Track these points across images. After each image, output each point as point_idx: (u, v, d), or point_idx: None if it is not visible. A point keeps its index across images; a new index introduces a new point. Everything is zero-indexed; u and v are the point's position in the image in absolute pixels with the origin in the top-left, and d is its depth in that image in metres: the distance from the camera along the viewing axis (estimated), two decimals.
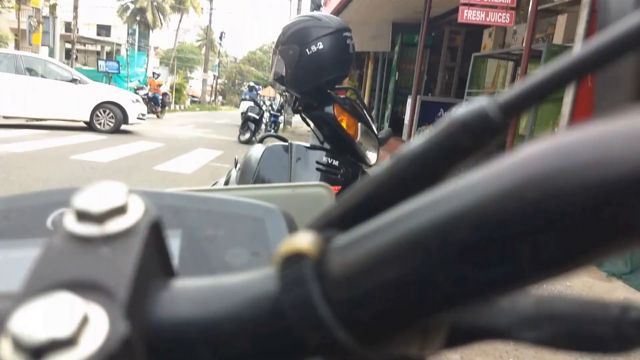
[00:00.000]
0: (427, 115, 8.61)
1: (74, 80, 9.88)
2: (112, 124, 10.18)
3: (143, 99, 16.61)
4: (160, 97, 17.74)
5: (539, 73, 0.20)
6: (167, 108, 20.09)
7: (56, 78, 9.78)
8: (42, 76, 9.71)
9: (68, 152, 7.09)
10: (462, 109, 0.20)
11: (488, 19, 4.49)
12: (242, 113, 15.82)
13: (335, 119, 1.51)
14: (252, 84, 16.61)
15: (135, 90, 17.29)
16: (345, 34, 1.48)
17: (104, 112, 10.13)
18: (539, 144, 0.16)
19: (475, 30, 7.83)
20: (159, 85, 18.10)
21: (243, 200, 0.37)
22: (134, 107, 10.54)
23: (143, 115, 11.09)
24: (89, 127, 10.08)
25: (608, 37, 0.19)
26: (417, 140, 0.20)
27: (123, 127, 10.49)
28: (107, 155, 7.26)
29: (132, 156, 7.54)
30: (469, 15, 4.46)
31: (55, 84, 9.68)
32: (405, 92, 9.82)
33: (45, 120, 10.18)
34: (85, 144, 8.19)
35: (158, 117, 17.39)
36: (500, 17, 4.47)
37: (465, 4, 4.43)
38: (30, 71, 9.61)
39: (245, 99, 15.42)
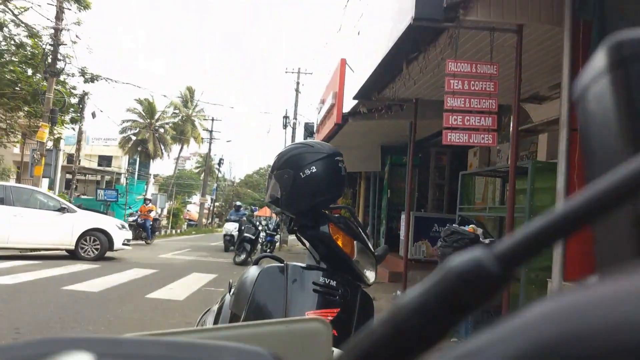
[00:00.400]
0: (421, 230, 8.66)
1: (61, 209, 10.08)
2: (97, 251, 10.17)
3: (132, 225, 16.59)
4: (150, 223, 17.67)
5: (536, 222, 0.19)
6: (157, 234, 19.97)
7: (44, 207, 10.01)
8: (29, 206, 9.90)
9: (59, 283, 6.94)
10: (458, 259, 0.19)
11: (471, 141, 4.72)
12: (224, 235, 15.09)
13: (330, 237, 1.52)
14: (238, 203, 16.40)
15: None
16: (337, 158, 1.54)
17: (90, 239, 10.19)
18: (548, 303, 0.15)
19: (461, 150, 8.21)
20: (149, 211, 18.12)
21: (226, 344, 0.34)
22: (120, 234, 10.64)
23: (128, 241, 11.13)
24: (73, 255, 10.03)
25: (604, 186, 0.19)
26: (414, 290, 0.20)
27: (109, 254, 10.44)
28: (99, 284, 7.11)
29: (124, 284, 7.38)
30: (452, 137, 4.70)
31: (41, 214, 9.87)
32: (398, 209, 9.99)
33: (31, 250, 10.16)
34: (77, 274, 8.05)
35: (147, 243, 17.13)
36: (483, 138, 4.71)
37: (448, 128, 4.69)
38: (18, 201, 9.81)
39: (230, 220, 15.13)
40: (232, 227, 14.61)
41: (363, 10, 8.03)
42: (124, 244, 10.77)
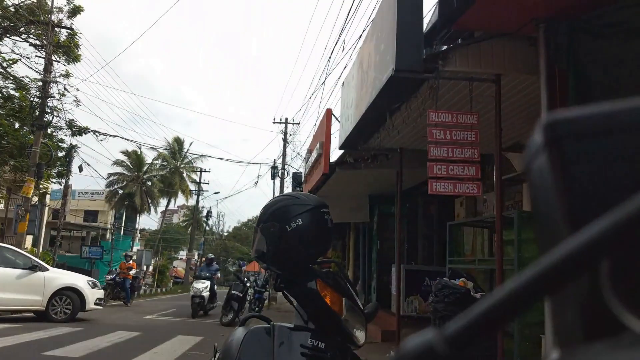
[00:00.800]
0: (413, 284, 8.46)
1: (32, 267, 9.64)
2: (68, 312, 9.70)
3: (110, 284, 15.80)
4: (130, 282, 16.29)
5: (485, 303, 0.20)
6: (138, 294, 18.75)
7: (12, 265, 9.52)
8: None
9: (39, 348, 6.63)
10: (411, 343, 0.20)
11: (456, 190, 4.68)
12: (192, 297, 12.06)
13: (318, 294, 1.48)
14: (210, 256, 13.95)
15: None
16: (323, 210, 1.53)
17: (61, 299, 9.73)
18: None
19: (448, 199, 8.18)
20: (129, 269, 16.52)
21: None
22: (92, 292, 10.18)
23: (101, 300, 10.68)
24: (43, 316, 9.53)
25: (555, 259, 0.19)
26: None
27: (80, 314, 9.96)
28: (81, 349, 6.76)
29: (106, 349, 7.04)
30: (438, 187, 4.66)
31: (9, 273, 9.36)
32: (389, 261, 9.81)
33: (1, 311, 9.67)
34: (58, 338, 7.68)
35: (125, 304, 15.87)
36: (468, 188, 4.67)
37: (433, 177, 4.66)
38: None
39: (199, 277, 12.45)
40: (202, 287, 12.07)
41: (347, 62, 8.19)
42: (96, 304, 10.30)
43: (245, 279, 12.94)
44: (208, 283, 11.90)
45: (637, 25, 3.24)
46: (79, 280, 10.20)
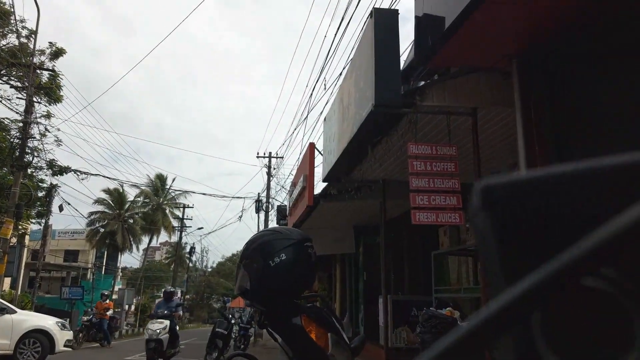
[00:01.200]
0: (401, 315, 8.40)
1: (0, 310, 9.41)
2: (37, 355, 9.37)
3: (86, 325, 15.33)
4: (107, 322, 15.67)
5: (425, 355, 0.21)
6: (117, 334, 18.30)
7: None
8: None
9: None
10: None
11: (439, 220, 4.76)
12: (147, 341, 9.59)
13: (303, 330, 1.46)
14: (170, 288, 11.51)
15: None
16: (306, 244, 1.52)
17: (29, 342, 9.41)
18: None
19: (432, 228, 8.25)
20: (105, 310, 15.76)
21: None
22: (62, 334, 9.88)
23: (70, 341, 10.39)
24: None
25: (489, 314, 0.21)
26: None
27: (49, 357, 9.63)
28: None
29: None
30: (421, 217, 4.74)
31: None
32: (375, 292, 9.76)
33: None
34: None
35: (102, 346, 15.20)
36: (450, 217, 4.76)
37: (415, 208, 4.74)
38: None
39: (155, 316, 10.03)
40: (158, 328, 9.62)
41: (328, 98, 8.38)
42: (66, 346, 9.99)
43: (230, 316, 12.57)
44: (167, 323, 9.73)
45: (607, 53, 3.41)
46: (48, 322, 9.92)
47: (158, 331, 9.59)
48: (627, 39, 3.15)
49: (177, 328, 10.26)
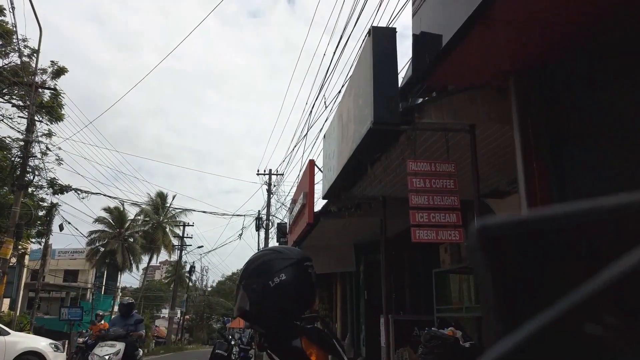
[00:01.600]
0: (402, 335, 8.29)
1: None
2: None
3: (81, 348, 15.12)
4: None
5: None
6: None
7: None
8: None
9: None
10: None
11: (439, 237, 4.73)
12: None
13: (303, 353, 1.44)
14: (128, 300, 8.84)
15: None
16: (306, 264, 1.51)
17: None
18: None
19: (433, 246, 8.20)
20: (101, 331, 15.55)
21: None
22: (55, 356, 9.78)
23: None
24: None
25: None
26: None
27: None
28: None
29: None
30: (420, 235, 4.71)
31: None
32: (377, 311, 9.66)
33: None
34: None
35: None
36: (450, 235, 4.73)
37: (415, 225, 4.71)
38: None
39: (106, 337, 7.44)
40: (107, 354, 7.17)
41: (327, 116, 8.41)
42: None
43: (230, 337, 12.46)
44: (120, 347, 7.07)
45: (603, 69, 3.44)
46: (41, 344, 9.83)
47: (107, 358, 7.01)
48: (623, 56, 3.17)
49: (140, 354, 7.68)
